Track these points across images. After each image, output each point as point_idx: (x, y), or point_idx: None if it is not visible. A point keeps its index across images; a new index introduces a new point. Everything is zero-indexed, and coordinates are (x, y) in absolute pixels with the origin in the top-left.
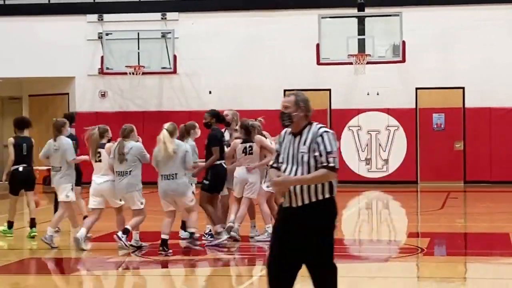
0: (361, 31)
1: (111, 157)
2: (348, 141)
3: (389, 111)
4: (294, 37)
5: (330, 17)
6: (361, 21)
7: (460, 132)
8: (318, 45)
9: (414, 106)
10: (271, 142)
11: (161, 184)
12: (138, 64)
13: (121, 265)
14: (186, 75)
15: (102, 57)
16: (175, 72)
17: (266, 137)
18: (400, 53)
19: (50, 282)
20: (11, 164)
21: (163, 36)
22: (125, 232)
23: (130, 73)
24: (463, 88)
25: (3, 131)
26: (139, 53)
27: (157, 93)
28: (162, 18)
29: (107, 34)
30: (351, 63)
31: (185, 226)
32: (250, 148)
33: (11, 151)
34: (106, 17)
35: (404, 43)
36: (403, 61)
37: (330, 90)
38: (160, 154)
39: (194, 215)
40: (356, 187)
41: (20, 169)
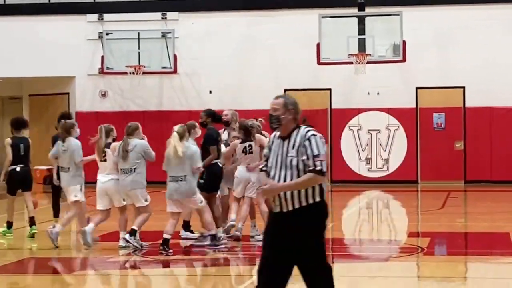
0: (362, 31)
1: (116, 155)
2: (349, 141)
3: (390, 111)
4: (295, 37)
5: (331, 17)
6: (362, 21)
7: (461, 132)
8: (319, 45)
9: (415, 106)
10: None
11: (169, 186)
12: (139, 64)
13: (122, 265)
14: (186, 75)
15: (103, 57)
16: (175, 72)
17: (266, 137)
18: (401, 53)
19: (51, 282)
20: (9, 165)
21: (163, 36)
22: (132, 234)
23: (130, 73)
24: (464, 88)
25: (3, 131)
26: (139, 53)
27: (158, 93)
28: (163, 18)
29: (107, 34)
30: (352, 63)
31: (186, 226)
32: (250, 148)
33: (9, 152)
34: (106, 17)
35: (405, 43)
36: (404, 61)
37: (331, 90)
38: (170, 156)
39: (208, 216)
40: (357, 187)
41: (18, 169)
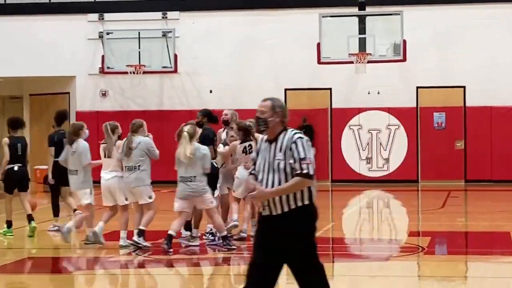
0: (362, 30)
1: (120, 152)
2: (349, 140)
3: (390, 110)
4: (295, 36)
5: (331, 16)
6: (362, 20)
7: (461, 131)
8: (319, 44)
9: (415, 105)
10: None
11: (180, 187)
12: (139, 63)
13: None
14: (187, 74)
15: (103, 56)
16: (176, 71)
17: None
18: (401, 52)
19: (51, 282)
20: (6, 164)
21: (164, 35)
22: (140, 234)
23: (131, 72)
24: (464, 87)
25: (4, 131)
26: (140, 52)
27: (158, 92)
28: (163, 17)
29: (108, 33)
30: (352, 62)
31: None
32: (250, 147)
33: (6, 151)
34: (107, 16)
35: (405, 42)
36: (404, 60)
37: (331, 89)
38: (180, 157)
39: (218, 218)
40: (357, 186)
41: (15, 168)
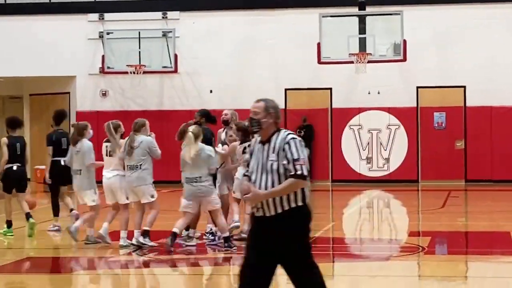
0: (362, 30)
1: (122, 151)
2: (349, 140)
3: (390, 110)
4: (295, 36)
5: (331, 16)
6: (362, 20)
7: (461, 131)
8: (319, 44)
9: (415, 105)
10: None
11: (185, 187)
12: (139, 63)
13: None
14: (187, 74)
15: (103, 56)
16: (176, 71)
17: None
18: (401, 52)
19: (51, 282)
20: (5, 164)
21: (164, 35)
22: (145, 235)
23: (131, 72)
24: (464, 87)
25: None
26: (140, 52)
27: (158, 92)
28: (163, 17)
29: (108, 33)
30: (352, 62)
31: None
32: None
33: (5, 151)
34: (107, 16)
35: (405, 42)
36: (404, 60)
37: (331, 89)
38: (185, 158)
39: (222, 219)
40: (357, 186)
41: (14, 168)
